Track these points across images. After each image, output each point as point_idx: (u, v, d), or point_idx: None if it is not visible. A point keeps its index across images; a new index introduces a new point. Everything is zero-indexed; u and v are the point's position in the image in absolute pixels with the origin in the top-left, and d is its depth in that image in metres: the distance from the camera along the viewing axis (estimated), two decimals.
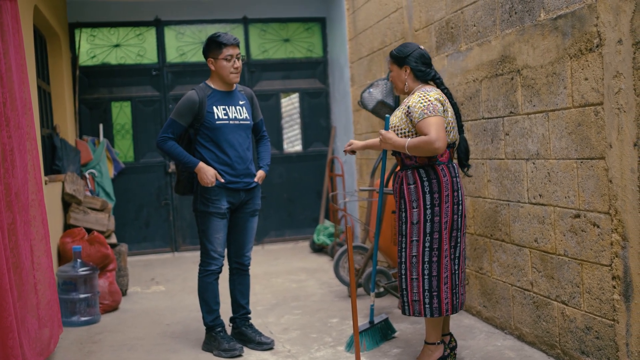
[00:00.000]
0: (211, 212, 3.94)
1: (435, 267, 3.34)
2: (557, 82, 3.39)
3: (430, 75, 3.47)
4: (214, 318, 4.07)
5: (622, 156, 2.95)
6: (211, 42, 3.94)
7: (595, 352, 3.23)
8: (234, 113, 4.00)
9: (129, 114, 7.87)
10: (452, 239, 3.39)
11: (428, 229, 3.32)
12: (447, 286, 3.37)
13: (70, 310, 4.83)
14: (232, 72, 3.95)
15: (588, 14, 3.11)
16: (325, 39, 8.31)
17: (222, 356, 3.93)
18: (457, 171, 3.42)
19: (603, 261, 3.14)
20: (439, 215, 3.32)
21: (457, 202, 3.37)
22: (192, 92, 3.96)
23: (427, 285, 3.35)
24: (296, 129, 8.48)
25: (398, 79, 3.53)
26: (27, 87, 3.79)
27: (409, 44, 3.53)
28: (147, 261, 7.55)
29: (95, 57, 7.79)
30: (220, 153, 3.95)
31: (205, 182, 3.88)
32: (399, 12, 5.50)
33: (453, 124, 3.39)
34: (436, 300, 3.36)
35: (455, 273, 3.41)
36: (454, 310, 3.41)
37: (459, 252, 3.43)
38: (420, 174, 3.34)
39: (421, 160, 3.33)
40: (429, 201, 3.31)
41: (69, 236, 5.29)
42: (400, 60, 3.48)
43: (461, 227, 3.42)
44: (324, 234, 7.41)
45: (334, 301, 5.17)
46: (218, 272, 4.04)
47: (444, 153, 3.35)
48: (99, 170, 7.00)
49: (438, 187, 3.32)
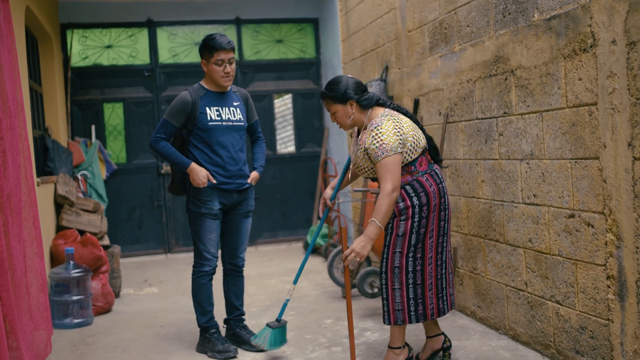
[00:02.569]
0: (203, 212, 3.93)
1: (420, 276, 3.34)
2: (551, 83, 3.39)
3: (374, 100, 3.41)
4: (208, 319, 4.05)
5: (616, 156, 2.95)
6: (205, 44, 3.91)
7: (590, 351, 3.24)
8: (227, 114, 3.98)
9: (122, 115, 7.84)
10: (439, 245, 3.38)
11: (413, 240, 3.30)
12: (431, 292, 3.38)
13: (63, 312, 4.80)
14: (222, 76, 3.91)
15: (582, 14, 3.11)
16: (318, 39, 8.31)
17: (216, 357, 3.91)
18: (440, 175, 3.40)
19: (597, 261, 3.14)
20: (425, 226, 3.30)
21: (444, 208, 3.36)
22: (185, 92, 3.94)
23: (411, 294, 3.34)
24: (289, 130, 8.47)
25: (345, 116, 3.42)
26: (19, 88, 3.77)
27: (337, 79, 3.43)
28: (140, 263, 7.52)
29: (87, 58, 7.76)
30: (212, 154, 3.94)
31: (197, 182, 3.87)
32: (392, 12, 5.50)
33: (416, 134, 3.32)
34: (421, 307, 3.36)
35: (442, 277, 3.41)
36: (440, 313, 3.43)
37: (445, 256, 3.43)
38: (407, 191, 3.29)
39: (404, 178, 3.29)
40: (417, 215, 3.28)
41: (62, 238, 5.26)
42: (342, 97, 3.38)
43: (447, 232, 3.41)
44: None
45: (328, 302, 5.16)
46: (211, 273, 4.02)
47: (422, 162, 3.34)
48: (91, 172, 6.97)
49: (427, 199, 3.29)
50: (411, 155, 3.30)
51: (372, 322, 4.47)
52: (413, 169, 3.31)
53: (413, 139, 3.31)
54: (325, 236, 7.35)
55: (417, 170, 3.32)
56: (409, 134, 3.29)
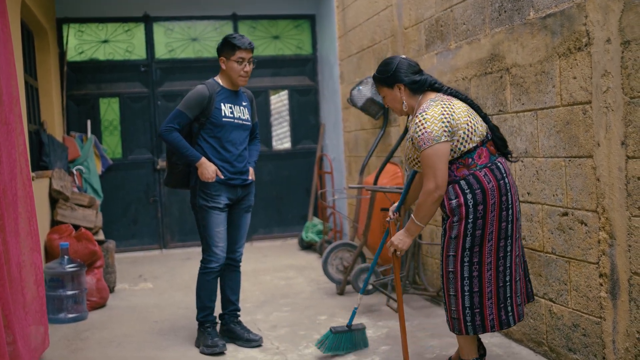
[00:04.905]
0: (211, 206, 3.97)
1: (477, 283, 2.97)
2: (546, 81, 3.41)
3: (427, 84, 3.10)
4: (206, 315, 4.07)
5: (610, 154, 2.97)
6: (226, 42, 3.97)
7: (582, 349, 3.26)
8: (238, 112, 4.05)
9: (117, 110, 7.83)
10: (500, 249, 2.98)
11: (468, 243, 2.94)
12: (491, 301, 2.99)
13: (57, 307, 4.80)
14: (241, 75, 3.98)
15: (577, 13, 3.13)
16: (314, 36, 8.30)
17: (205, 352, 3.95)
18: (503, 170, 3.00)
19: (590, 259, 3.16)
20: (481, 228, 2.93)
21: (505, 207, 2.96)
22: (202, 86, 3.98)
23: (467, 302, 2.98)
24: (285, 126, 8.47)
25: (394, 101, 3.15)
26: (14, 83, 3.76)
27: (389, 59, 3.18)
28: (134, 258, 7.52)
29: (84, 53, 7.74)
30: (222, 150, 3.99)
31: (205, 177, 3.91)
32: (389, 10, 5.51)
33: (472, 121, 2.98)
34: (479, 317, 2.99)
35: (505, 285, 3.01)
36: (501, 325, 3.02)
37: (510, 262, 3.01)
38: (462, 187, 2.93)
39: (460, 172, 2.96)
40: (471, 214, 2.92)
41: (56, 233, 5.25)
42: (389, 80, 3.12)
43: (512, 234, 3.00)
44: (313, 232, 7.42)
45: (322, 298, 5.17)
46: (217, 270, 4.04)
47: (482, 154, 2.98)
48: (86, 167, 6.96)
49: (483, 197, 2.91)
50: (465, 145, 2.94)
51: (367, 318, 4.48)
52: (470, 162, 2.95)
53: (467, 126, 2.94)
54: (320, 233, 7.36)
55: (475, 163, 2.95)
56: (461, 120, 2.93)
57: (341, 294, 5.23)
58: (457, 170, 2.96)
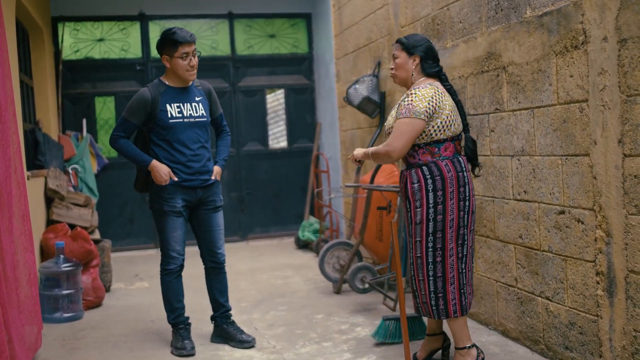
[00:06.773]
0: (166, 210, 3.90)
1: (440, 268, 3.20)
2: (543, 79, 3.40)
3: (436, 69, 3.31)
4: (176, 316, 4.05)
5: (607, 153, 2.97)
6: (166, 39, 3.81)
7: (578, 347, 3.26)
8: (189, 110, 3.92)
9: (113, 109, 7.81)
10: (460, 237, 3.22)
11: (431, 228, 3.18)
12: (453, 286, 3.21)
13: (53, 306, 4.79)
14: (188, 70, 3.84)
15: (574, 11, 3.12)
16: (310, 35, 8.29)
17: (174, 354, 3.93)
18: (463, 165, 3.24)
19: (587, 257, 3.16)
20: (442, 213, 3.17)
21: (463, 198, 3.20)
22: (144, 89, 3.89)
23: (432, 287, 3.22)
24: (281, 125, 8.46)
25: (403, 67, 3.34)
26: (9, 81, 3.74)
27: (419, 34, 3.40)
28: (130, 257, 7.50)
29: (79, 52, 7.72)
30: (173, 151, 3.89)
31: (158, 180, 3.85)
32: (385, 8, 5.50)
33: (453, 117, 3.20)
34: (442, 302, 3.22)
35: (463, 272, 3.24)
36: (462, 311, 3.25)
37: (467, 250, 3.26)
38: (423, 172, 3.18)
39: (424, 157, 3.20)
40: (432, 199, 3.16)
41: (52, 232, 5.24)
42: (410, 48, 3.30)
43: (468, 224, 3.24)
44: (309, 231, 7.41)
45: (319, 297, 5.17)
46: (177, 270, 4.00)
47: (448, 147, 3.21)
48: (82, 166, 6.94)
49: (442, 184, 3.16)
50: (437, 134, 3.17)
51: (363, 317, 4.48)
52: (436, 151, 3.19)
53: (447, 118, 3.17)
54: (317, 231, 7.36)
55: (439, 153, 3.19)
56: (445, 110, 3.17)
57: (338, 292, 5.23)
58: (422, 154, 3.21)
